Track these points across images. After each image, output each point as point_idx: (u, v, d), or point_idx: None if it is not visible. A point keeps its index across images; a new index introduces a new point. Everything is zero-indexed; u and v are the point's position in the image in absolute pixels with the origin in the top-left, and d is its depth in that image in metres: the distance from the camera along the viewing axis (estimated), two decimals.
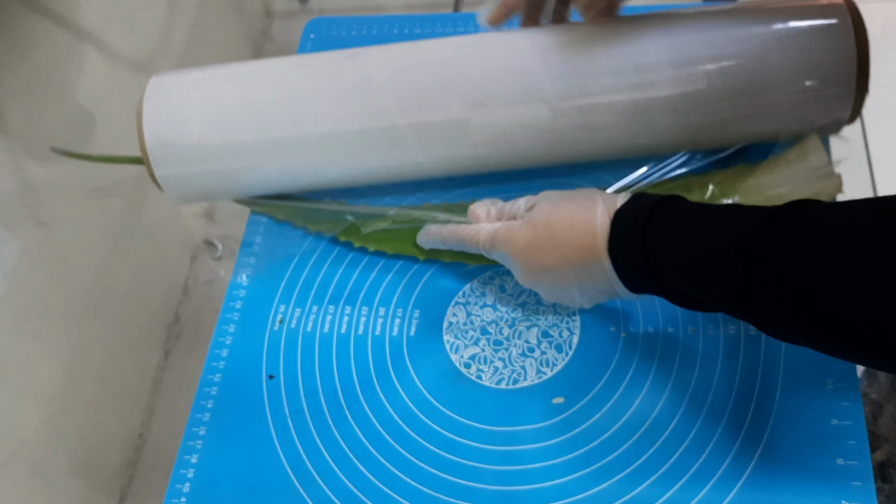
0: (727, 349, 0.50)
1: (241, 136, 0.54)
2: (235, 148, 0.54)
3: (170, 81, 0.55)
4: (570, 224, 0.46)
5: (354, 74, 0.54)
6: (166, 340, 0.65)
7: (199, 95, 0.55)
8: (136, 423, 0.61)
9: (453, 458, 0.49)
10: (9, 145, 0.54)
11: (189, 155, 0.54)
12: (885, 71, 0.68)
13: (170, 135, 0.54)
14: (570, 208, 0.46)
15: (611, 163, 0.58)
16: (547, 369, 0.52)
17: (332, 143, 0.54)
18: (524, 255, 0.48)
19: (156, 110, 0.54)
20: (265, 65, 0.57)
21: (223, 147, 0.54)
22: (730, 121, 0.53)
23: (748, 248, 0.37)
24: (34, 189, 0.56)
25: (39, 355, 0.54)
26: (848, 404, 0.46)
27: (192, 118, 0.54)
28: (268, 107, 0.54)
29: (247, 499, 0.50)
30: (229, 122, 0.54)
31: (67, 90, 0.59)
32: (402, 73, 0.53)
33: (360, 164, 0.55)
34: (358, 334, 0.56)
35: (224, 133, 0.54)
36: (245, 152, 0.54)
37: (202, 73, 0.56)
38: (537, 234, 0.47)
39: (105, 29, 0.62)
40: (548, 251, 0.47)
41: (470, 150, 0.54)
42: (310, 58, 0.57)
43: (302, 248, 0.60)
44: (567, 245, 0.46)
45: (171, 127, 0.54)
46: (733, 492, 0.45)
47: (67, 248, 0.58)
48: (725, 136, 0.55)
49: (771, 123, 0.53)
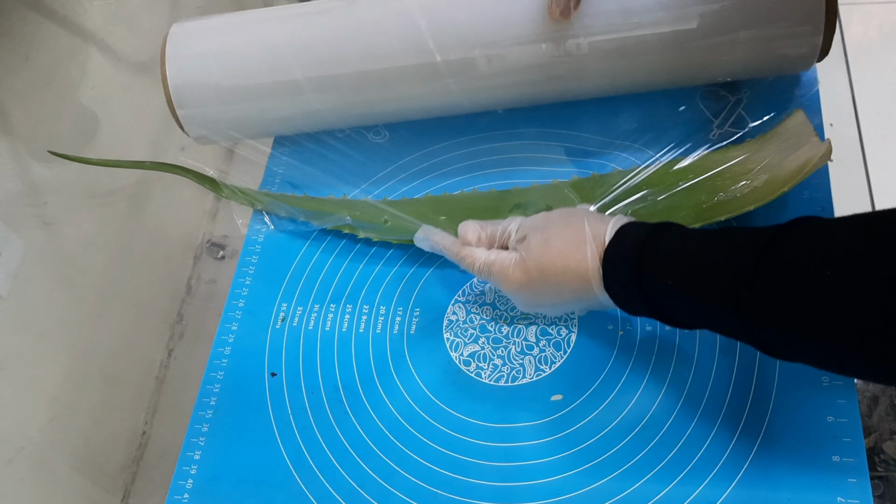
0: (724, 347, 0.50)
1: (258, 78, 0.57)
2: (253, 89, 0.58)
3: (190, 28, 0.59)
4: (563, 268, 0.45)
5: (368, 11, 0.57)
6: (169, 339, 0.65)
7: (217, 40, 0.58)
8: (139, 420, 0.62)
9: (453, 454, 0.50)
10: (13, 146, 0.55)
11: (210, 96, 0.58)
12: (883, 72, 0.68)
13: (190, 77, 0.58)
14: (559, 248, 0.46)
15: (599, 154, 0.59)
16: (545, 367, 0.52)
17: (342, 83, 0.57)
18: (520, 294, 0.49)
19: (177, 55, 0.58)
20: (280, 11, 0.59)
21: (241, 88, 0.57)
22: (709, 56, 0.54)
23: (751, 272, 0.37)
24: (38, 189, 0.56)
25: (43, 354, 0.54)
26: (843, 402, 0.46)
27: (210, 62, 0.58)
28: (282, 49, 0.57)
29: (249, 495, 0.51)
30: (246, 64, 0.57)
31: (71, 91, 0.59)
32: (402, 18, 0.55)
33: (368, 99, 0.58)
34: (359, 332, 0.56)
35: (241, 75, 0.57)
36: (263, 93, 0.58)
37: (220, 20, 0.60)
38: (531, 278, 0.47)
39: (109, 31, 0.62)
40: (543, 292, 0.47)
41: (481, 84, 0.57)
42: (316, 5, 0.59)
43: (303, 247, 0.61)
44: (562, 287, 0.46)
45: (191, 70, 0.58)
46: (730, 488, 0.46)
47: (71, 247, 0.58)
48: (707, 72, 0.56)
49: (744, 58, 0.54)
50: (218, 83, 0.58)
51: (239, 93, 0.58)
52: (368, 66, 0.56)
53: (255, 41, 0.58)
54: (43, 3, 0.57)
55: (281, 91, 0.57)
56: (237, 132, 0.61)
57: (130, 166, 0.62)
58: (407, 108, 0.60)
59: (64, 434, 0.55)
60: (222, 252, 0.68)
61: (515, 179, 0.60)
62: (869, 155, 0.60)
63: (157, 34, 0.60)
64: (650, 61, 0.54)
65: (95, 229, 0.60)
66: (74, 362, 0.57)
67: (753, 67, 0.56)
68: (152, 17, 0.67)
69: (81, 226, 0.59)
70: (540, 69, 0.55)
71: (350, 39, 0.56)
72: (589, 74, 0.56)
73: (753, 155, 0.53)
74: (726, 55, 0.54)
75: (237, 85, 0.58)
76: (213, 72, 0.58)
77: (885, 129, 0.59)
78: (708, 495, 0.46)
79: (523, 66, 0.55)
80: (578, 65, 0.55)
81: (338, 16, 0.57)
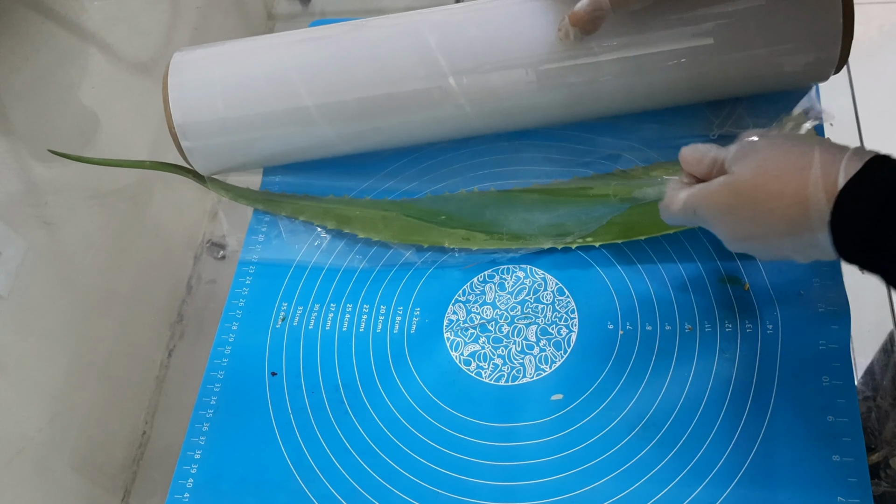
0: (724, 346, 0.50)
1: (263, 107, 0.56)
2: (258, 119, 0.57)
3: (191, 58, 0.58)
4: (778, 192, 0.39)
5: (365, 41, 0.56)
6: (170, 339, 0.65)
7: (220, 70, 0.58)
8: (139, 420, 0.62)
9: (453, 454, 0.50)
10: (13, 146, 0.55)
11: (215, 128, 0.57)
12: (883, 72, 0.68)
13: (194, 109, 0.57)
14: (778, 169, 0.40)
15: (600, 154, 0.59)
16: (546, 366, 0.52)
17: (349, 111, 0.56)
18: (725, 220, 0.43)
19: (180, 86, 0.57)
20: (281, 38, 0.59)
21: (246, 118, 0.57)
22: (726, 74, 0.54)
23: None
24: (39, 189, 0.56)
25: (43, 354, 0.54)
26: (844, 401, 0.46)
27: (214, 92, 0.57)
28: (287, 77, 0.56)
29: (250, 495, 0.51)
30: (251, 94, 0.56)
31: (71, 92, 0.59)
32: (412, 38, 0.55)
33: (375, 128, 0.58)
34: (359, 332, 0.56)
35: (247, 105, 0.57)
36: (268, 123, 0.57)
37: (222, 48, 0.59)
38: (739, 202, 0.41)
39: (109, 31, 0.62)
40: (753, 219, 0.41)
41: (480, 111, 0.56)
42: (322, 30, 0.58)
43: (304, 247, 0.61)
44: (774, 215, 0.40)
45: (195, 101, 0.57)
46: (730, 488, 0.45)
47: (72, 247, 0.58)
48: (723, 87, 0.56)
49: (759, 77, 0.55)
50: (223, 115, 0.57)
51: (246, 122, 0.57)
52: (379, 91, 0.55)
53: (260, 69, 0.57)
54: (43, 3, 0.57)
55: (290, 119, 0.57)
56: (244, 160, 0.61)
57: (131, 165, 0.62)
58: (420, 133, 0.59)
59: (64, 434, 0.55)
60: (222, 252, 0.68)
61: (516, 179, 0.60)
62: None
63: (158, 34, 0.60)
64: (668, 79, 0.54)
65: (95, 229, 0.60)
66: (74, 362, 0.57)
67: (768, 85, 0.56)
68: (152, 17, 0.68)
69: (81, 226, 0.59)
70: (555, 90, 0.55)
71: (360, 62, 0.55)
72: (605, 94, 0.55)
73: None
74: (742, 75, 0.54)
75: (244, 115, 0.57)
76: (217, 104, 0.57)
77: (885, 129, 0.59)
78: (708, 495, 0.45)
79: (538, 87, 0.54)
80: (595, 85, 0.54)
81: (346, 40, 0.56)
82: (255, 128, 0.57)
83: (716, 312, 0.51)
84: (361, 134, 0.58)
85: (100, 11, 0.61)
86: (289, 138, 0.58)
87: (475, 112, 0.56)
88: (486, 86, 0.55)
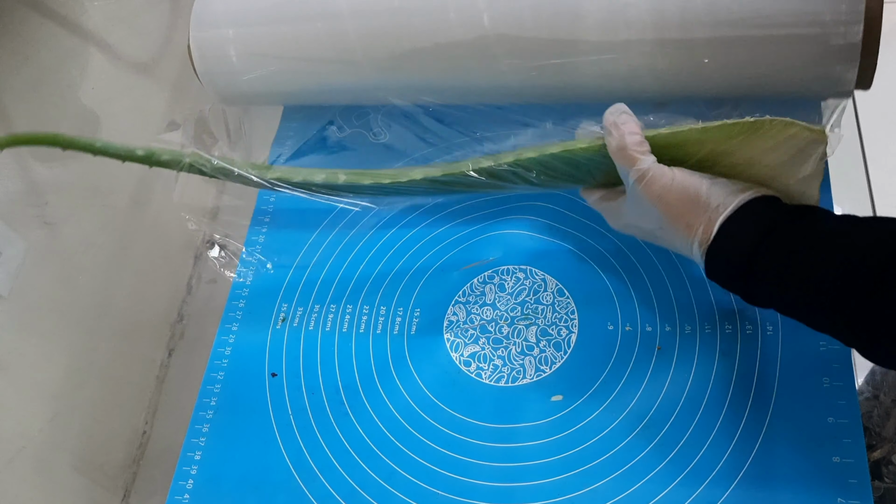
0: (724, 348, 0.50)
1: (296, 26, 0.57)
2: (291, 39, 0.57)
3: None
4: (675, 216, 0.45)
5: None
6: (170, 339, 0.65)
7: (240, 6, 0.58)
8: (139, 420, 0.62)
9: (453, 455, 0.50)
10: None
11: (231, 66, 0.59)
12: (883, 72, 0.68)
13: (212, 46, 0.58)
14: (677, 198, 0.44)
15: None
16: (546, 367, 0.52)
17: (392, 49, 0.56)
18: (628, 204, 0.47)
19: (200, 21, 0.59)
20: None
21: (280, 34, 0.58)
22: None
23: (870, 292, 0.37)
24: (39, 189, 0.56)
25: (44, 354, 0.54)
26: (844, 402, 0.46)
27: (230, 30, 0.58)
28: (304, 20, 0.57)
29: (249, 495, 0.51)
30: (268, 32, 0.57)
31: (71, 91, 0.59)
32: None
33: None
34: (359, 333, 0.56)
35: (281, 20, 0.57)
36: (301, 45, 0.58)
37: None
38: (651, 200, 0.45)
39: (109, 31, 0.62)
40: (649, 218, 0.46)
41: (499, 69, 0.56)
42: None
43: (304, 247, 0.61)
44: (665, 230, 0.46)
45: (213, 35, 0.58)
46: (730, 488, 0.46)
47: (72, 247, 0.58)
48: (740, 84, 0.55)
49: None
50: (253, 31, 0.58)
51: (278, 39, 0.58)
52: (427, 41, 0.55)
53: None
54: (43, 3, 0.57)
55: (328, 46, 0.57)
56: (264, 88, 0.61)
57: (127, 159, 0.61)
58: (457, 86, 0.58)
59: (64, 434, 0.55)
60: (223, 251, 0.68)
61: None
62: (869, 155, 0.60)
63: (158, 34, 0.60)
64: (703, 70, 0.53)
65: (95, 229, 0.60)
66: (74, 361, 0.57)
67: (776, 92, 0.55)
68: (152, 17, 0.67)
69: (81, 226, 0.59)
70: (597, 64, 0.54)
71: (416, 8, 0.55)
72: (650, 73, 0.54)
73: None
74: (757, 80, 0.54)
75: (276, 32, 0.58)
76: (248, 17, 0.58)
77: (885, 129, 0.59)
78: (708, 496, 0.46)
79: (583, 51, 0.53)
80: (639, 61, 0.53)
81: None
82: (288, 50, 0.58)
83: (716, 314, 0.51)
84: (399, 79, 0.58)
85: (100, 11, 0.61)
86: (320, 70, 0.58)
87: (513, 73, 0.56)
88: (527, 49, 0.54)
